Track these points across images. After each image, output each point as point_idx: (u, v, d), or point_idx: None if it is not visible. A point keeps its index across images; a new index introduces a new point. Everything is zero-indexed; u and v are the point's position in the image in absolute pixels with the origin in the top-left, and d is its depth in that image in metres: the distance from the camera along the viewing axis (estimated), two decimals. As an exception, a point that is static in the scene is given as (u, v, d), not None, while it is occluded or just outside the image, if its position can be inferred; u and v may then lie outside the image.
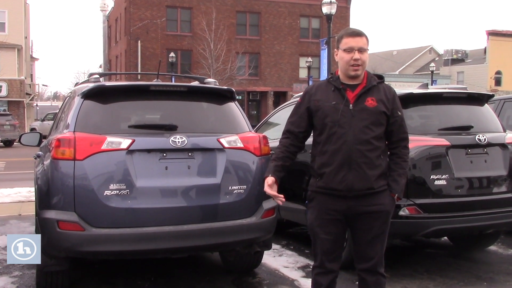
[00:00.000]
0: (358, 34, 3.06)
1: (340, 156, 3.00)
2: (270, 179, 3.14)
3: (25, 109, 36.38)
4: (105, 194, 3.65)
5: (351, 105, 3.03)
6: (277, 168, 3.16)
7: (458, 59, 53.17)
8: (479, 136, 4.59)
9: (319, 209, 3.12)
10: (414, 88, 5.32)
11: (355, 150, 2.98)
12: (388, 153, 3.15)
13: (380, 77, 3.19)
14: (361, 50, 3.03)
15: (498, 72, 49.22)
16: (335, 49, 3.16)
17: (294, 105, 3.32)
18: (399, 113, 3.13)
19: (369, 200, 3.03)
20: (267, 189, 3.15)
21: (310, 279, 3.32)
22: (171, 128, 4.00)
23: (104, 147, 3.71)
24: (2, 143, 26.36)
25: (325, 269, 3.14)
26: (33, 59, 46.02)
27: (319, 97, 3.12)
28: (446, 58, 53.61)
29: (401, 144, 3.15)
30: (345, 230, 3.20)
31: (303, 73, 37.87)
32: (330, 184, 3.04)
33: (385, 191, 3.07)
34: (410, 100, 4.81)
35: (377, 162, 3.03)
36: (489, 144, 4.63)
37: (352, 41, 3.04)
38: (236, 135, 4.14)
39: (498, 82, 48.96)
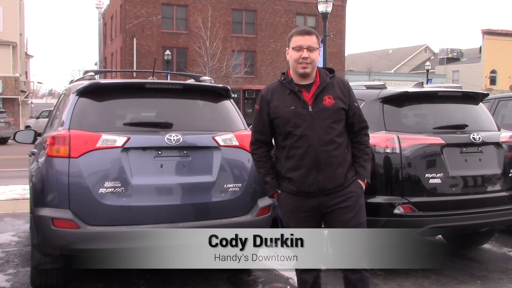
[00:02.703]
0: (307, 32, 3.06)
1: (307, 159, 3.01)
2: None
3: (20, 106, 36.23)
4: (100, 191, 3.64)
5: (309, 107, 3.02)
6: (277, 180, 3.18)
7: (453, 58, 53.38)
8: (473, 135, 4.60)
9: (291, 209, 3.12)
10: (409, 87, 5.33)
11: (321, 152, 2.99)
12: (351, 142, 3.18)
13: (331, 71, 3.18)
14: (310, 49, 3.02)
15: (493, 71, 49.43)
16: (287, 48, 3.14)
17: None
18: (355, 104, 3.16)
19: (340, 194, 3.06)
20: None
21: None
22: (166, 126, 3.99)
23: (99, 144, 3.70)
24: (-4, 141, 26.26)
25: None
26: (28, 56, 45.82)
27: (276, 103, 3.09)
28: (441, 57, 53.80)
29: (362, 132, 3.20)
30: (320, 225, 3.20)
31: (299, 72, 37.79)
32: (301, 188, 3.05)
33: (354, 182, 3.11)
34: (405, 98, 4.82)
35: (343, 158, 3.06)
36: (484, 143, 4.65)
37: (301, 39, 3.03)
38: (231, 133, 4.14)
39: (493, 81, 49.17)
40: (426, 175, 4.40)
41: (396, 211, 4.34)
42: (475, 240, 5.58)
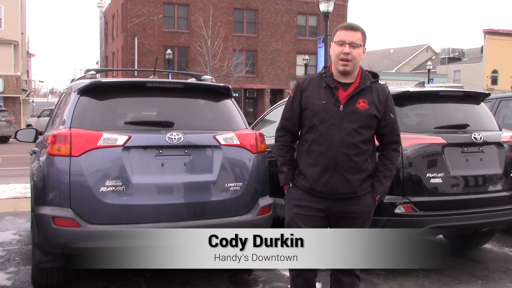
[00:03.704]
0: (352, 28, 2.95)
1: (325, 158, 2.92)
2: None
3: (21, 105, 36.24)
4: (101, 190, 3.65)
5: (341, 106, 2.92)
6: (293, 172, 3.12)
7: (454, 57, 53.30)
8: (475, 134, 4.60)
9: (298, 205, 3.06)
10: (410, 87, 5.33)
11: (341, 154, 2.91)
12: (377, 154, 3.09)
13: (375, 76, 3.07)
14: (353, 45, 2.91)
15: (495, 71, 49.37)
16: (331, 42, 3.05)
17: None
18: (391, 115, 3.03)
19: (351, 203, 2.99)
20: None
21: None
22: (167, 125, 3.99)
23: (100, 143, 3.70)
24: (-2, 139, 26.28)
25: None
26: (29, 55, 45.82)
27: (309, 94, 3.00)
28: (443, 56, 53.73)
29: (392, 146, 3.09)
30: (326, 226, 3.12)
31: (300, 71, 37.86)
32: (313, 186, 2.99)
33: (368, 193, 3.02)
34: (407, 98, 4.82)
35: (363, 166, 2.96)
36: (485, 143, 4.65)
37: (344, 34, 2.93)
38: (232, 132, 4.13)
39: (494, 81, 49.11)
40: (427, 175, 4.40)
41: (397, 210, 4.34)
42: (476, 240, 5.58)
